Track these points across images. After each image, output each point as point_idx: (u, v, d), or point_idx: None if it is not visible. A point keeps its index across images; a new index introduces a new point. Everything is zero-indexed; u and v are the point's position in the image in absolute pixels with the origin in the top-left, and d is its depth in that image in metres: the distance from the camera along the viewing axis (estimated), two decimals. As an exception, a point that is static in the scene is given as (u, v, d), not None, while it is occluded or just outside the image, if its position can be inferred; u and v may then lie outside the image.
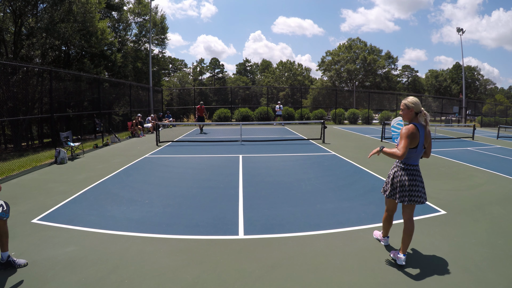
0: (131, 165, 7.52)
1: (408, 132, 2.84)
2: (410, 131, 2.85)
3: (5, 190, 5.44)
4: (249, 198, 4.94)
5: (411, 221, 3.02)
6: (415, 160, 2.99)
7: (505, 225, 3.98)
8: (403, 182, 2.96)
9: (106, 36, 20.17)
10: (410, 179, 2.94)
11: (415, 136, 2.86)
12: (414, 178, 2.95)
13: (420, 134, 2.90)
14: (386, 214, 3.28)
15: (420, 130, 2.91)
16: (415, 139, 2.87)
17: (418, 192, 2.95)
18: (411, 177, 2.95)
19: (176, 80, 56.92)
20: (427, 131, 2.98)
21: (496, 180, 6.43)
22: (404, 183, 2.95)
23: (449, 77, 53.27)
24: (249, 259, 3.10)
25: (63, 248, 3.28)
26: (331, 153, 9.37)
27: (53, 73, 11.37)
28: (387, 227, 3.34)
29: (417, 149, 2.92)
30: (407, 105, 2.97)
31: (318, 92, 42.18)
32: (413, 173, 2.96)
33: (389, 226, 3.34)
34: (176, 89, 43.29)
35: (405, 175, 2.97)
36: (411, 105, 2.95)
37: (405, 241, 3.00)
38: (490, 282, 2.69)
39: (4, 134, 17.02)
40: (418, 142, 2.90)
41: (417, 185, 2.95)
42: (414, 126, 2.89)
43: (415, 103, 2.95)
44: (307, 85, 52.85)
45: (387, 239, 3.44)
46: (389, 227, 3.35)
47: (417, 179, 2.96)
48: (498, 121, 28.51)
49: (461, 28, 30.05)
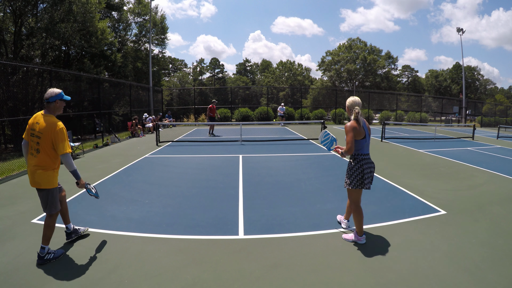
0: (131, 165, 7.52)
1: (352, 126, 3.28)
2: (352, 127, 3.29)
3: (5, 190, 5.44)
4: (249, 198, 4.94)
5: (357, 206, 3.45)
6: (366, 150, 3.39)
7: (505, 225, 3.98)
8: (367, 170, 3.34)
9: (106, 36, 20.16)
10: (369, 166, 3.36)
11: (358, 129, 3.29)
12: (372, 164, 3.40)
13: (364, 127, 3.35)
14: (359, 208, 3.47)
15: (363, 124, 3.35)
16: (359, 131, 3.30)
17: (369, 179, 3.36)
18: (369, 164, 3.37)
19: (176, 80, 56.93)
20: (367, 124, 3.45)
21: (496, 180, 6.43)
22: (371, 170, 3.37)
23: (449, 77, 53.27)
24: (249, 259, 3.10)
25: (63, 248, 3.27)
26: (331, 153, 9.37)
27: (53, 73, 11.38)
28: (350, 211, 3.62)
29: (366, 139, 3.36)
30: (347, 105, 3.48)
31: (318, 92, 42.16)
32: (371, 161, 3.40)
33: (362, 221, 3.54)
34: (176, 89, 43.28)
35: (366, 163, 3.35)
36: (347, 105, 3.48)
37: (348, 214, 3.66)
38: (490, 282, 2.69)
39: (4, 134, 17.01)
40: (364, 133, 3.34)
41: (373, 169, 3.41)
42: (355, 122, 3.32)
43: (350, 102, 3.44)
44: (307, 85, 52.85)
45: (347, 222, 3.83)
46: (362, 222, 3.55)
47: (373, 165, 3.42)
48: (498, 121, 28.52)
49: (461, 28, 30.09)
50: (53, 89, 3.06)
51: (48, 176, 2.98)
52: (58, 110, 3.09)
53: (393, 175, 6.57)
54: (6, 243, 3.37)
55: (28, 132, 3.05)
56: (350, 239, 3.50)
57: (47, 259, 2.98)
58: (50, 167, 2.99)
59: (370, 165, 3.38)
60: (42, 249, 2.98)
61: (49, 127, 2.92)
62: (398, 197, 5.10)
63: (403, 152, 9.96)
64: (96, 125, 13.58)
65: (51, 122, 2.95)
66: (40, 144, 2.93)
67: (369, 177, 3.37)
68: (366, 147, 3.37)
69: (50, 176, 2.99)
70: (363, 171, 3.33)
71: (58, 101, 3.05)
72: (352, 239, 3.49)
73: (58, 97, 3.04)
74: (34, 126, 2.98)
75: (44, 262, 2.96)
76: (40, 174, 2.94)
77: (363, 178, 3.33)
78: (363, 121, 3.39)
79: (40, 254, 2.96)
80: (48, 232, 3.03)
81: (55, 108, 3.05)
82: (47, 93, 3.03)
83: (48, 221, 3.05)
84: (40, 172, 2.94)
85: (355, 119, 3.32)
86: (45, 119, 2.96)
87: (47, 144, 2.93)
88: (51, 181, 3.01)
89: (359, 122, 3.33)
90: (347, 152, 3.29)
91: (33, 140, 2.98)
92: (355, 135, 3.29)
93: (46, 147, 2.93)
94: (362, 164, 3.33)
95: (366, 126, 3.41)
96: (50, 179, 2.99)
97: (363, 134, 3.33)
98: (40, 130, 2.93)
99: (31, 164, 2.98)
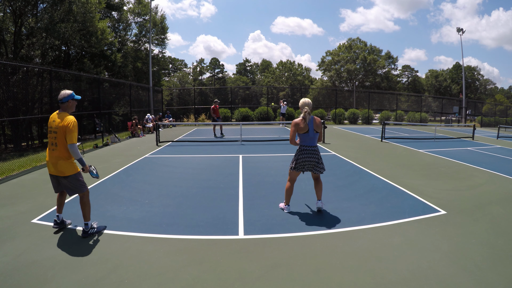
0: (131, 165, 7.52)
1: (294, 123, 4.04)
2: (294, 122, 4.04)
3: (5, 190, 5.44)
4: (249, 198, 4.94)
5: (319, 179, 4.32)
6: (312, 142, 4.11)
7: (505, 225, 3.98)
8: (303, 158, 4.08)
9: (106, 36, 20.15)
10: (307, 155, 4.07)
11: (299, 124, 4.02)
12: (310, 154, 4.08)
13: (308, 124, 4.03)
14: (289, 184, 4.29)
15: (308, 121, 4.02)
16: (301, 127, 4.01)
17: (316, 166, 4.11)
18: (307, 154, 4.08)
19: (176, 80, 56.94)
20: (317, 122, 4.11)
21: (496, 180, 6.43)
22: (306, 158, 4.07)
23: (449, 77, 53.28)
24: (249, 259, 3.10)
25: (63, 248, 3.27)
26: (331, 153, 9.37)
27: (53, 73, 11.38)
28: (290, 195, 4.36)
29: (308, 134, 4.05)
30: (299, 104, 4.10)
31: (318, 92, 42.16)
32: (309, 151, 4.09)
33: (291, 195, 4.36)
34: (176, 89, 43.30)
35: (304, 153, 4.09)
36: (299, 104, 4.10)
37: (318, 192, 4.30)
38: (490, 282, 2.69)
39: (4, 134, 17.00)
40: (307, 129, 4.02)
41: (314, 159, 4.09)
42: (300, 118, 4.03)
43: (301, 103, 4.09)
44: (307, 85, 52.86)
45: (289, 207, 4.41)
46: (290, 196, 4.37)
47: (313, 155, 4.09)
48: (498, 121, 28.51)
49: (461, 28, 30.07)
50: (65, 90, 3.52)
51: (69, 164, 3.46)
52: (71, 109, 3.55)
53: (393, 175, 6.57)
54: (6, 243, 3.37)
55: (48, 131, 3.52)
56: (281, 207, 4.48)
57: (90, 233, 3.54)
58: (70, 157, 3.45)
59: (307, 155, 4.08)
60: (85, 225, 3.54)
61: (63, 122, 3.36)
62: (398, 197, 5.10)
63: (403, 152, 9.96)
64: (96, 125, 13.57)
65: (64, 118, 3.40)
66: (57, 138, 3.39)
67: (302, 164, 4.11)
68: (308, 140, 4.09)
69: (71, 164, 3.48)
70: (297, 158, 4.12)
71: (70, 100, 3.50)
72: (282, 207, 4.45)
73: (70, 97, 3.50)
74: (51, 124, 3.45)
75: (87, 235, 3.51)
76: (62, 164, 3.41)
77: (296, 163, 4.13)
78: (311, 119, 4.07)
79: (85, 229, 3.52)
80: (86, 210, 3.53)
81: (68, 107, 3.50)
82: (61, 94, 3.48)
83: (82, 200, 3.56)
84: (61, 162, 3.41)
85: (302, 117, 4.02)
86: (59, 116, 3.42)
87: (62, 138, 3.38)
88: (73, 167, 3.49)
89: (305, 119, 4.01)
90: (290, 142, 4.15)
91: (51, 136, 3.45)
92: (297, 130, 4.08)
93: (62, 140, 3.38)
94: (299, 152, 4.12)
95: (313, 123, 4.08)
96: (72, 166, 3.48)
97: (306, 129, 4.04)
98: (57, 126, 3.38)
99: (52, 156, 3.44)
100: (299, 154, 4.12)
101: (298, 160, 4.10)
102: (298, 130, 4.06)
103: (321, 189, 4.32)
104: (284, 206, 4.41)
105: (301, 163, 4.10)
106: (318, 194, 4.33)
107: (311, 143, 4.11)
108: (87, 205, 3.55)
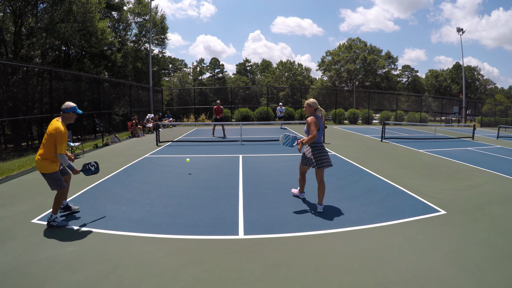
0: (131, 165, 7.52)
1: (314, 120, 4.27)
2: (314, 120, 4.28)
3: (5, 190, 5.45)
4: (249, 198, 4.94)
5: (322, 182, 4.40)
6: (319, 139, 4.40)
7: (505, 225, 3.98)
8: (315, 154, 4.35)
9: (106, 36, 20.16)
10: (318, 152, 4.34)
11: (317, 123, 4.31)
12: (321, 151, 4.36)
13: (319, 121, 4.35)
14: (301, 176, 4.76)
15: (318, 119, 4.36)
16: (317, 124, 4.31)
17: (325, 161, 4.33)
18: (318, 151, 4.35)
19: (176, 80, 56.93)
20: (323, 120, 4.47)
21: (496, 180, 6.43)
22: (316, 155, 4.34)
23: (449, 77, 53.27)
24: (249, 259, 3.10)
25: (63, 248, 3.28)
26: (331, 153, 9.37)
27: (53, 73, 11.37)
28: (303, 185, 4.84)
29: (320, 131, 4.38)
30: (309, 104, 4.42)
31: (318, 92, 42.15)
32: (320, 148, 4.37)
33: (303, 184, 4.84)
34: (176, 89, 43.28)
35: (315, 149, 4.36)
36: (311, 104, 4.42)
37: (320, 195, 4.41)
38: (490, 282, 2.69)
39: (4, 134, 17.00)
40: (319, 126, 4.35)
41: (324, 155, 4.34)
42: (314, 117, 4.32)
43: (314, 102, 4.43)
44: (307, 85, 52.84)
45: (303, 194, 4.94)
46: (304, 185, 4.85)
47: (323, 151, 4.36)
48: (498, 121, 28.52)
49: (461, 28, 30.07)
50: (70, 102, 3.83)
51: (48, 164, 3.73)
52: (70, 120, 3.86)
53: (393, 175, 6.57)
54: (6, 243, 3.37)
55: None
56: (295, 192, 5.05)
57: (52, 225, 3.76)
58: (49, 159, 3.72)
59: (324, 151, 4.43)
60: (50, 216, 3.81)
61: (55, 131, 3.66)
62: (398, 197, 5.10)
63: (403, 152, 9.96)
64: (96, 125, 13.58)
65: (57, 127, 3.68)
66: (46, 140, 3.70)
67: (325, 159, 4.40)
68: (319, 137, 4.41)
69: (49, 164, 3.74)
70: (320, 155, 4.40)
71: (71, 113, 3.82)
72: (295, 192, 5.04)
73: (72, 109, 3.82)
74: (48, 127, 3.78)
75: (49, 226, 3.77)
76: (39, 162, 3.73)
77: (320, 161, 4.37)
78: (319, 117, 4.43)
79: (48, 219, 3.80)
80: (55, 204, 3.80)
81: (68, 117, 3.82)
82: (64, 104, 3.82)
83: (56, 196, 3.82)
84: (39, 160, 3.73)
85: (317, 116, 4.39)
86: (55, 124, 3.71)
87: (50, 142, 3.67)
88: (51, 167, 3.75)
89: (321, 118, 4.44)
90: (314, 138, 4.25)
91: (44, 136, 3.76)
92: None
93: (49, 144, 3.68)
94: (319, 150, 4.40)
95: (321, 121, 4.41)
96: (49, 166, 3.74)
97: (318, 127, 4.32)
98: (49, 131, 3.70)
99: (38, 153, 3.78)
100: (319, 152, 4.34)
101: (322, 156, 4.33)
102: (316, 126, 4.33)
103: (324, 193, 4.40)
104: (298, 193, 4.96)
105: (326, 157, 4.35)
106: (320, 198, 4.41)
107: (320, 140, 4.46)
108: (57, 202, 3.80)
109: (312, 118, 4.27)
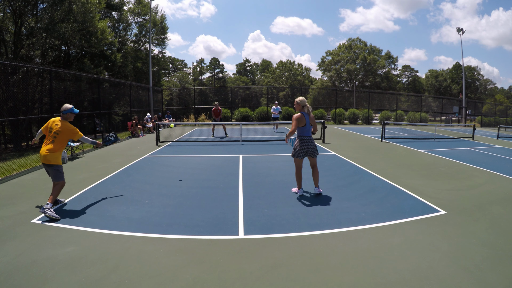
0: (131, 165, 7.52)
1: (297, 117, 4.84)
2: (298, 117, 4.84)
3: (5, 190, 5.45)
4: (249, 198, 4.94)
5: (316, 167, 5.09)
6: (307, 133, 4.93)
7: (505, 225, 3.98)
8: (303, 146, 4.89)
9: (106, 36, 20.15)
10: (306, 144, 4.89)
11: (301, 119, 4.83)
12: (308, 143, 4.90)
13: (306, 118, 4.87)
14: (298, 171, 5.04)
15: (305, 116, 4.88)
16: (302, 121, 4.84)
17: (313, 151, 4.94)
18: (306, 143, 4.89)
19: (176, 80, 56.94)
20: (311, 116, 4.95)
21: (496, 180, 6.43)
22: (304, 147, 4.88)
23: (449, 77, 53.26)
24: (249, 259, 3.10)
25: (63, 248, 3.27)
26: (331, 153, 9.37)
27: (53, 73, 11.38)
28: (300, 181, 5.09)
29: (305, 127, 4.88)
30: (297, 102, 4.95)
31: (318, 92, 42.18)
32: (307, 140, 4.91)
33: (300, 180, 5.09)
34: (176, 89, 43.29)
35: (303, 142, 4.89)
36: (299, 102, 4.93)
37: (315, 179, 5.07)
38: (490, 282, 2.69)
39: (4, 134, 17.00)
40: (305, 122, 4.85)
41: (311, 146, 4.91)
42: (301, 114, 4.87)
43: (302, 100, 4.94)
44: (307, 85, 52.88)
45: (301, 191, 5.13)
46: (300, 181, 5.09)
47: (310, 143, 4.91)
48: (498, 121, 28.53)
49: (461, 28, 30.07)
50: (67, 104, 4.48)
51: (56, 156, 4.33)
52: (70, 119, 4.52)
53: (393, 175, 6.57)
54: (6, 243, 3.37)
55: (46, 129, 4.46)
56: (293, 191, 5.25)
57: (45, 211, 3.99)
58: (58, 150, 4.36)
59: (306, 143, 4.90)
60: (46, 204, 4.08)
61: (67, 130, 4.40)
62: (398, 197, 5.10)
63: (403, 152, 9.96)
64: (96, 125, 13.58)
65: (67, 126, 4.43)
66: (57, 137, 4.36)
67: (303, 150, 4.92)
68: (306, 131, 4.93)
69: (57, 156, 4.34)
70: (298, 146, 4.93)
71: (69, 113, 4.48)
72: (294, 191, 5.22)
73: (69, 111, 4.48)
74: (53, 126, 4.40)
75: (42, 212, 4.00)
76: (50, 155, 4.28)
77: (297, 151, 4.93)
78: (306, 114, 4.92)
79: (44, 206, 4.05)
80: (55, 194, 4.25)
81: (67, 117, 4.48)
82: (63, 107, 4.46)
83: (55, 186, 4.29)
84: (50, 153, 4.29)
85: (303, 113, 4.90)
86: (63, 124, 4.41)
87: (63, 138, 4.39)
88: (58, 159, 4.36)
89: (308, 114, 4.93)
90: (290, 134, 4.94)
91: (51, 134, 4.36)
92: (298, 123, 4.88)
93: (62, 140, 4.39)
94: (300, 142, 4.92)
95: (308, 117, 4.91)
96: (57, 159, 4.35)
97: (304, 123, 4.86)
98: (59, 130, 4.36)
99: (45, 148, 4.31)
100: (300, 143, 4.90)
101: (299, 148, 4.88)
102: (299, 123, 4.84)
103: (318, 177, 5.07)
104: (296, 190, 5.14)
105: (302, 150, 4.89)
106: (316, 181, 5.05)
107: (308, 134, 4.95)
108: (56, 192, 4.28)
109: (297, 115, 4.84)
